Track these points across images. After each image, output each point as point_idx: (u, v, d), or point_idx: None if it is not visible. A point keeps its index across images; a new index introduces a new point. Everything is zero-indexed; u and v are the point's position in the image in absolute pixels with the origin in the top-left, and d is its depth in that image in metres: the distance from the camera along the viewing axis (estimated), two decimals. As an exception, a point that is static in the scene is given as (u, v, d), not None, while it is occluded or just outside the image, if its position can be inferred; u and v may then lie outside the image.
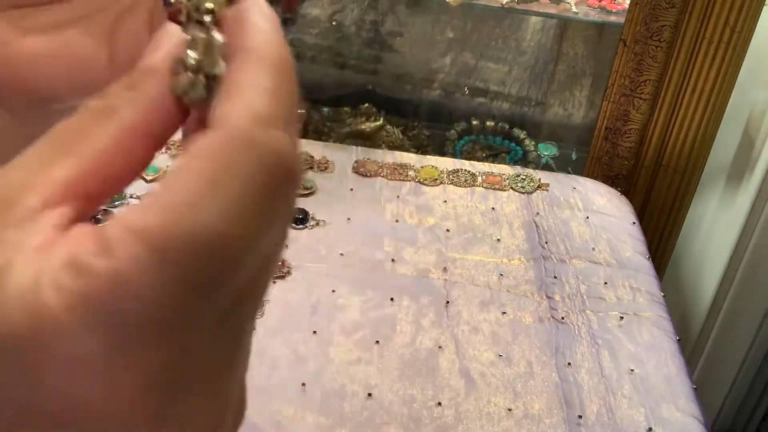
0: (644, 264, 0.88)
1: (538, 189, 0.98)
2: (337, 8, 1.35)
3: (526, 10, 1.19)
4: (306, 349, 0.73)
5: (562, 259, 0.87)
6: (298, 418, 0.67)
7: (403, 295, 0.80)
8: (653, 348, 0.76)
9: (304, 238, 0.87)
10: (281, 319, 0.76)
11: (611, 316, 0.80)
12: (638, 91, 1.01)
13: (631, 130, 1.05)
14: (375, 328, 0.76)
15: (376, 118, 1.31)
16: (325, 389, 0.69)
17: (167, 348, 0.17)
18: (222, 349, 0.19)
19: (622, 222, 0.94)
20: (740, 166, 1.14)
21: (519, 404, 0.70)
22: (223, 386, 0.20)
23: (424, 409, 0.68)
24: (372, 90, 1.37)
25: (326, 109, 1.32)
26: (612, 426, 0.68)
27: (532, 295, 0.82)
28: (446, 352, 0.74)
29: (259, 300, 0.20)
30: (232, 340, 0.19)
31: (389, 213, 0.92)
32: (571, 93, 1.36)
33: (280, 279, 0.81)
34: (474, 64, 1.37)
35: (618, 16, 1.16)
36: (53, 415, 0.17)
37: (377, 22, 1.35)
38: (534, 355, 0.75)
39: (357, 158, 1.01)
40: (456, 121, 1.35)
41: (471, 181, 0.98)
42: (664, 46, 0.97)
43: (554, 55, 1.34)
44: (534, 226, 0.92)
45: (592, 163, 1.10)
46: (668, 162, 1.05)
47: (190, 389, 0.18)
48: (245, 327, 0.20)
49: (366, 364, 0.72)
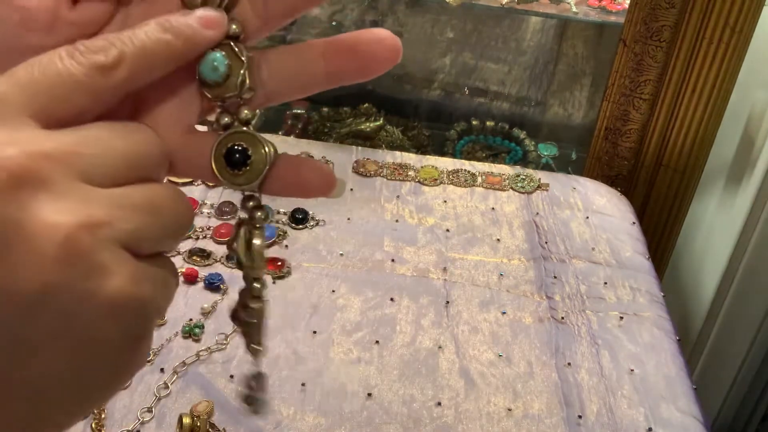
0: (644, 264, 0.88)
1: (538, 189, 0.98)
2: (337, 8, 1.35)
3: (526, 10, 1.19)
4: (306, 349, 0.73)
5: (562, 259, 0.87)
6: (298, 418, 0.67)
7: (403, 295, 0.80)
8: (653, 348, 0.76)
9: (304, 238, 0.87)
10: (281, 319, 0.76)
11: (611, 316, 0.80)
12: (638, 91, 1.01)
13: (631, 130, 1.05)
14: (375, 328, 0.76)
15: (376, 118, 1.31)
16: (325, 389, 0.69)
17: None
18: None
19: (622, 222, 0.95)
20: (740, 166, 1.14)
21: (519, 404, 0.70)
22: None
23: (424, 409, 0.69)
24: (372, 90, 1.37)
25: (326, 109, 1.32)
26: (612, 426, 0.68)
27: (532, 295, 0.82)
28: (446, 352, 0.74)
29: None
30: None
31: (389, 213, 0.92)
32: (571, 93, 1.36)
33: (280, 279, 0.81)
34: (474, 64, 1.37)
35: (618, 16, 1.16)
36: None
37: (377, 22, 1.35)
38: (534, 355, 0.75)
39: (357, 158, 1.01)
40: (456, 122, 1.35)
41: (471, 181, 0.98)
42: (664, 46, 0.97)
43: (554, 55, 1.34)
44: (534, 226, 0.92)
45: (592, 163, 1.10)
46: (668, 162, 1.05)
47: None
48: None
49: (366, 364, 0.72)
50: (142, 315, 0.26)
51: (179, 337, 0.74)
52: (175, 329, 0.74)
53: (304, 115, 1.33)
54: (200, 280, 0.80)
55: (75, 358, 0.25)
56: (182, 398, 0.68)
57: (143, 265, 0.26)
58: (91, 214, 0.24)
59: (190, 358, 0.71)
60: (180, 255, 0.83)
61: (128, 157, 0.26)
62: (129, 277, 0.25)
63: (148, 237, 0.26)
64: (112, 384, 0.27)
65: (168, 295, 0.28)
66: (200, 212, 0.89)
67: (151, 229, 0.26)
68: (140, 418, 0.66)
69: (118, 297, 0.24)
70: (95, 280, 0.24)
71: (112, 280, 0.24)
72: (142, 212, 0.26)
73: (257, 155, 0.28)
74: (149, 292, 0.26)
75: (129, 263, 0.25)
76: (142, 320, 0.26)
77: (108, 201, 0.25)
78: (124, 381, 0.28)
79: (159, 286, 0.27)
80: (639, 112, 1.03)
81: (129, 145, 0.27)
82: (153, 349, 0.71)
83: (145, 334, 0.27)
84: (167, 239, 0.28)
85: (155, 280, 0.27)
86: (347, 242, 0.87)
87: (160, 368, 0.70)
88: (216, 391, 0.68)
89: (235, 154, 0.28)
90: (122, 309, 0.25)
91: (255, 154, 0.28)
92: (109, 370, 0.26)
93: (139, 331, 0.26)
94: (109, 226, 0.25)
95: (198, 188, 0.93)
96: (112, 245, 0.25)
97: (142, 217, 0.26)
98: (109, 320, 0.25)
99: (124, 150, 0.26)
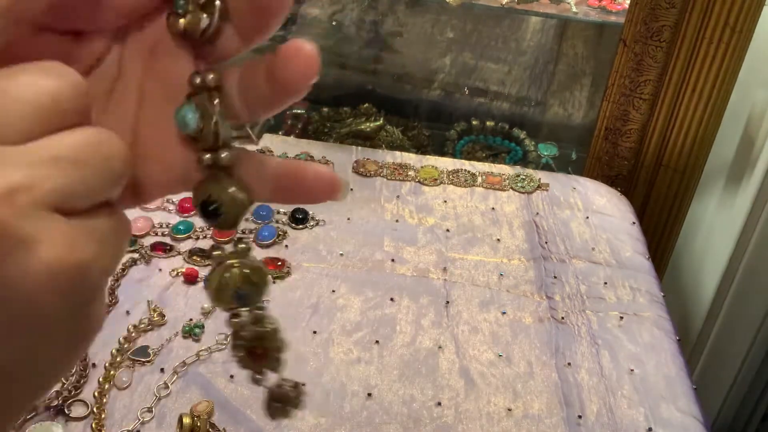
0: (644, 264, 0.88)
1: (538, 189, 0.98)
2: (337, 8, 1.35)
3: (526, 10, 1.19)
4: (306, 349, 0.73)
5: (562, 259, 0.87)
6: (298, 418, 0.67)
7: (403, 295, 0.80)
8: (653, 348, 0.76)
9: (304, 238, 0.87)
10: (281, 319, 0.76)
11: (611, 316, 0.80)
12: (638, 91, 1.01)
13: (631, 130, 1.05)
14: (375, 328, 0.76)
15: (376, 118, 1.30)
16: (325, 389, 0.69)
17: None
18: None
19: (622, 222, 0.94)
20: (740, 166, 1.14)
21: (519, 404, 0.70)
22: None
23: (424, 409, 0.69)
24: (372, 90, 1.37)
25: (326, 109, 1.32)
26: (612, 426, 0.68)
27: (532, 295, 0.82)
28: (446, 352, 0.74)
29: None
30: None
31: (389, 213, 0.92)
32: (570, 93, 1.36)
33: (279, 279, 0.81)
34: (474, 64, 1.37)
35: (618, 16, 1.16)
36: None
37: (377, 22, 1.35)
38: (534, 355, 0.75)
39: (357, 158, 1.01)
40: (456, 122, 1.35)
41: (471, 181, 0.98)
42: (664, 46, 0.97)
43: (554, 55, 1.34)
44: (534, 226, 0.92)
45: (592, 163, 1.10)
46: (668, 162, 1.05)
47: None
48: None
49: (366, 364, 0.72)
50: (85, 279, 0.23)
51: (179, 337, 0.74)
52: (175, 329, 0.74)
53: (304, 115, 1.33)
54: (200, 280, 0.80)
55: (20, 338, 0.23)
56: (182, 398, 0.68)
57: (79, 223, 0.23)
58: (4, 180, 0.21)
59: (190, 358, 0.71)
60: (180, 255, 0.83)
61: (38, 105, 0.23)
62: (62, 242, 0.22)
63: (77, 192, 0.23)
64: (69, 354, 0.25)
65: (115, 250, 0.25)
66: (200, 212, 0.89)
67: (79, 182, 0.23)
68: (140, 418, 0.66)
69: (53, 266, 0.22)
70: (22, 255, 0.21)
71: (42, 250, 0.22)
72: (65, 165, 0.23)
73: (228, 207, 0.27)
74: (89, 252, 0.23)
75: (59, 226, 0.22)
76: (86, 284, 0.24)
77: (23, 160, 0.22)
78: (81, 349, 0.26)
79: (102, 243, 0.24)
80: (639, 112, 1.03)
81: (39, 90, 0.23)
82: (153, 349, 0.71)
83: (94, 296, 0.25)
84: (102, 189, 0.24)
85: (97, 237, 0.24)
86: (347, 242, 0.87)
87: (160, 368, 0.70)
88: (216, 391, 0.68)
89: (208, 206, 0.28)
90: (60, 278, 0.22)
91: (225, 207, 0.27)
92: (62, 342, 0.24)
93: (86, 296, 0.24)
94: (28, 190, 0.22)
95: (198, 188, 0.93)
96: (35, 211, 0.22)
97: (67, 170, 0.23)
98: (47, 293, 0.22)
99: (33, 97, 0.23)
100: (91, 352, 0.71)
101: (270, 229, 0.87)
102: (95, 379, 0.68)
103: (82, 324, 0.25)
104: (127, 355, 0.71)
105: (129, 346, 0.72)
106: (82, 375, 0.68)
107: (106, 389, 0.67)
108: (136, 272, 0.80)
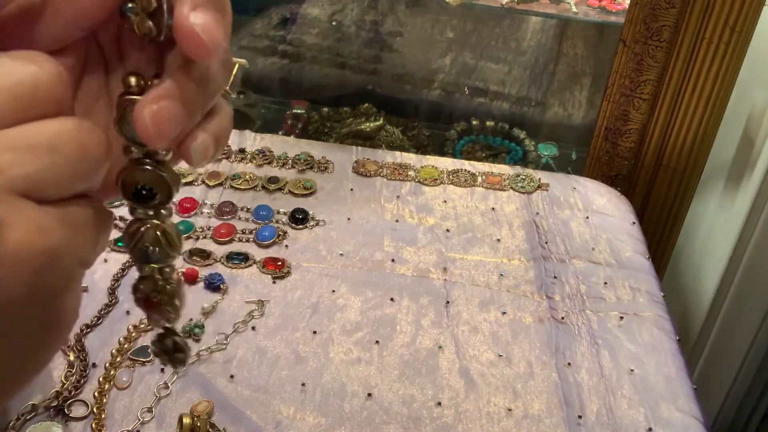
0: (644, 264, 0.88)
1: (538, 189, 0.98)
2: (337, 8, 1.35)
3: (526, 10, 1.19)
4: (306, 349, 0.73)
5: (562, 259, 0.87)
6: (298, 418, 0.67)
7: (403, 295, 0.80)
8: (653, 348, 0.76)
9: (304, 238, 0.87)
10: (281, 319, 0.76)
11: (611, 316, 0.80)
12: (638, 91, 1.01)
13: (631, 130, 1.05)
14: (375, 328, 0.76)
15: (376, 118, 1.31)
16: (325, 389, 0.69)
17: None
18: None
19: (622, 222, 0.95)
20: (740, 166, 1.14)
21: (519, 404, 0.70)
22: None
23: (424, 409, 0.69)
24: (372, 90, 1.37)
25: (326, 109, 1.32)
26: (612, 426, 0.68)
27: (532, 295, 0.82)
28: (446, 352, 0.74)
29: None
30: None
31: (389, 213, 0.92)
32: (570, 93, 1.36)
33: (279, 279, 0.81)
34: (474, 64, 1.37)
35: (618, 16, 1.16)
36: None
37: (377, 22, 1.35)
38: (534, 355, 0.75)
39: (357, 158, 1.01)
40: (456, 121, 1.35)
41: (471, 181, 0.98)
42: (664, 46, 0.97)
43: (554, 55, 1.34)
44: (534, 226, 0.92)
45: (592, 163, 1.10)
46: (668, 162, 1.05)
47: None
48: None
49: (366, 364, 0.72)
50: (55, 266, 0.23)
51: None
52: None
53: (304, 115, 1.33)
54: (200, 280, 0.80)
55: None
56: (182, 398, 0.68)
57: (51, 210, 0.23)
58: None
59: (191, 358, 0.71)
60: (180, 255, 0.83)
61: (16, 93, 0.23)
62: (31, 227, 0.22)
63: (50, 179, 0.23)
64: (40, 347, 0.25)
65: (90, 241, 0.25)
66: (200, 212, 0.89)
67: (52, 170, 0.23)
68: (140, 418, 0.66)
69: (20, 250, 0.22)
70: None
71: (10, 233, 0.22)
72: (39, 153, 0.23)
73: (160, 187, 0.29)
74: (60, 239, 0.23)
75: (30, 211, 0.22)
76: (57, 272, 0.23)
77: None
78: (54, 342, 0.25)
79: (76, 232, 0.24)
80: (639, 112, 1.03)
81: (15, 78, 0.23)
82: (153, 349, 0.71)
83: (67, 286, 0.24)
84: (76, 179, 0.25)
85: (69, 225, 0.24)
86: (347, 242, 0.87)
87: (160, 368, 0.70)
88: (216, 391, 0.68)
89: (142, 192, 0.28)
90: (28, 262, 0.22)
91: (157, 187, 0.29)
92: (31, 333, 0.24)
93: (56, 285, 0.24)
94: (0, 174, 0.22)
95: (198, 188, 0.93)
96: (5, 195, 0.22)
97: (40, 158, 0.23)
98: (14, 277, 0.22)
99: (10, 86, 0.23)
100: (91, 352, 0.71)
101: (270, 229, 0.87)
102: (95, 379, 0.68)
103: (54, 315, 0.24)
104: (127, 355, 0.71)
105: (129, 346, 0.72)
106: (82, 375, 0.68)
107: (106, 389, 0.67)
108: (136, 272, 0.80)
